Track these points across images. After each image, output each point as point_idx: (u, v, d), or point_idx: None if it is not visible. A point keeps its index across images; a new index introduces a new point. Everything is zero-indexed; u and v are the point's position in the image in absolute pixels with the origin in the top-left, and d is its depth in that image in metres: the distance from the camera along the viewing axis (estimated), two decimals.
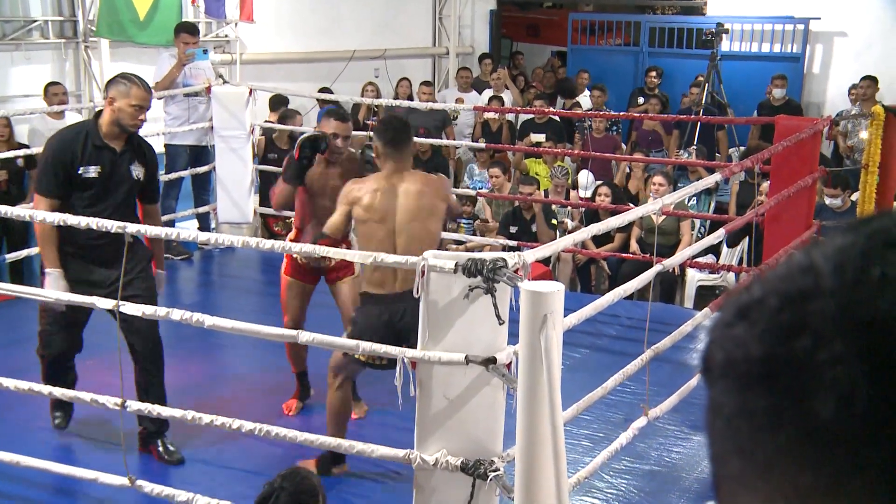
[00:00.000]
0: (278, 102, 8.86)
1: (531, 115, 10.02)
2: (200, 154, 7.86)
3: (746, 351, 0.51)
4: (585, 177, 8.94)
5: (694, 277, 7.70)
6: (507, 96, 10.79)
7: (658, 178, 7.72)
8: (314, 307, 5.04)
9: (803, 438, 0.47)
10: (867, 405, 0.45)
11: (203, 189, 8.02)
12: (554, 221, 7.85)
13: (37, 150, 6.98)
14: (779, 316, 0.50)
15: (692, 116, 8.93)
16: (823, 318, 0.48)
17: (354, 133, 8.60)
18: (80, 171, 4.32)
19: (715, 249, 7.58)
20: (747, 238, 7.10)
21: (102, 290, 4.20)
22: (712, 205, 8.71)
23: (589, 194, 8.49)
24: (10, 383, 3.89)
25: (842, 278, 0.48)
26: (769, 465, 0.49)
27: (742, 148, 9.52)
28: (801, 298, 0.49)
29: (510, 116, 10.48)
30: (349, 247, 4.95)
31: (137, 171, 4.46)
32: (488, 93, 10.80)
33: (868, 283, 0.47)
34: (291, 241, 4.84)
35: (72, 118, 7.61)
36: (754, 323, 0.51)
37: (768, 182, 6.66)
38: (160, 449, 4.49)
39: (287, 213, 8.13)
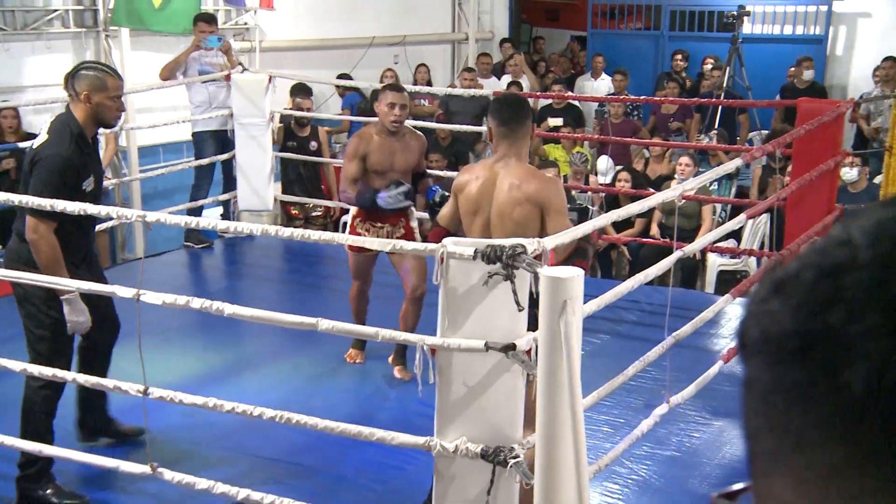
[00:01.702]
0: (300, 90, 8.85)
1: (549, 101, 9.97)
2: (226, 141, 7.87)
3: (781, 325, 0.50)
4: (605, 162, 8.89)
5: (715, 262, 7.65)
6: (526, 82, 10.74)
7: (684, 159, 7.73)
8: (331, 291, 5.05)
9: (836, 413, 0.47)
10: None
11: (230, 176, 8.03)
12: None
13: None
14: (813, 289, 0.49)
15: (712, 100, 8.86)
16: (858, 291, 0.47)
17: (369, 119, 8.64)
18: (84, 187, 3.94)
19: (736, 234, 7.53)
20: (767, 222, 7.06)
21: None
22: (733, 189, 8.66)
23: (608, 180, 8.45)
24: (35, 369, 3.91)
25: (877, 251, 0.48)
26: (802, 441, 0.48)
27: (764, 132, 9.44)
28: (837, 272, 0.48)
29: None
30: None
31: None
32: (507, 79, 10.74)
33: None
34: (355, 216, 5.29)
35: None
36: (789, 297, 0.50)
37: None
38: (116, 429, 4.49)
39: (304, 199, 8.19)
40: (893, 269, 0.47)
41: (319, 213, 8.47)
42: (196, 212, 7.65)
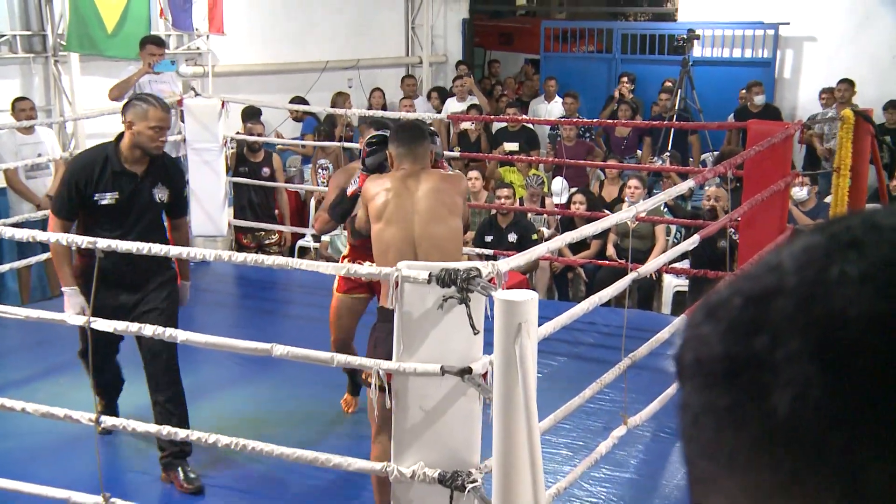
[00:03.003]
0: (251, 115, 8.80)
1: (504, 124, 10.02)
2: None
3: (711, 350, 0.51)
4: (559, 184, 8.95)
5: (671, 283, 7.71)
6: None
7: (633, 182, 7.80)
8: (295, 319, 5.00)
9: (763, 437, 0.47)
10: (820, 403, 0.45)
11: None
12: (535, 236, 7.81)
13: None
14: (741, 314, 0.50)
15: (664, 122, 8.97)
16: (782, 317, 0.48)
17: (331, 144, 8.55)
18: (95, 198, 4.27)
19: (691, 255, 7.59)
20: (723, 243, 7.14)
21: (127, 313, 4.16)
22: (687, 210, 8.74)
23: (563, 201, 8.49)
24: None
25: (803, 277, 0.48)
26: (732, 465, 0.49)
27: (715, 153, 9.57)
28: (764, 297, 0.49)
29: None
30: None
31: (161, 194, 4.39)
32: (451, 100, 10.81)
33: (826, 282, 0.47)
34: (345, 257, 4.86)
35: (42, 133, 7.54)
36: (719, 321, 0.51)
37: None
38: (181, 476, 4.30)
39: (256, 224, 8.11)
40: (817, 295, 0.47)
41: (273, 241, 8.39)
42: None
